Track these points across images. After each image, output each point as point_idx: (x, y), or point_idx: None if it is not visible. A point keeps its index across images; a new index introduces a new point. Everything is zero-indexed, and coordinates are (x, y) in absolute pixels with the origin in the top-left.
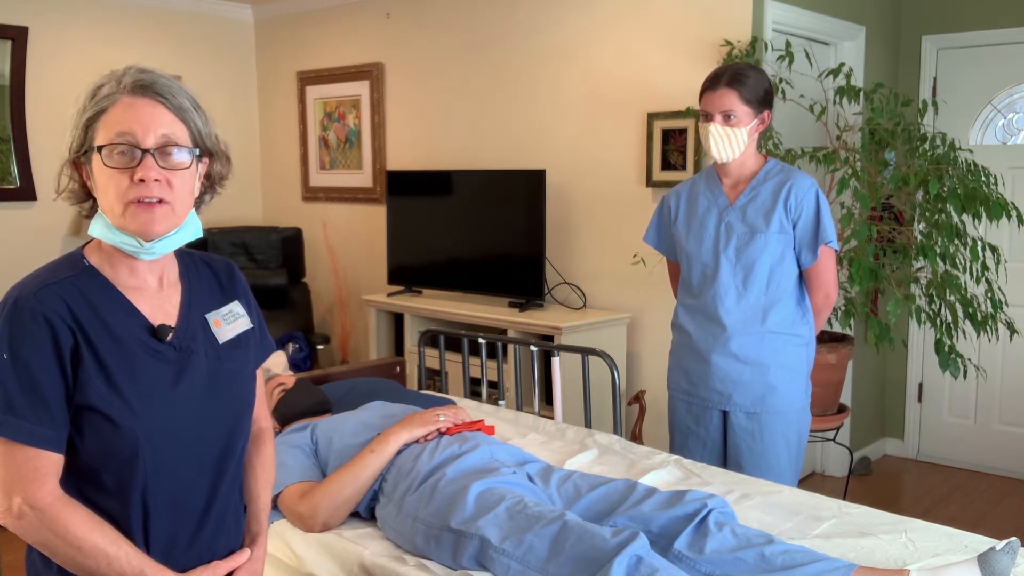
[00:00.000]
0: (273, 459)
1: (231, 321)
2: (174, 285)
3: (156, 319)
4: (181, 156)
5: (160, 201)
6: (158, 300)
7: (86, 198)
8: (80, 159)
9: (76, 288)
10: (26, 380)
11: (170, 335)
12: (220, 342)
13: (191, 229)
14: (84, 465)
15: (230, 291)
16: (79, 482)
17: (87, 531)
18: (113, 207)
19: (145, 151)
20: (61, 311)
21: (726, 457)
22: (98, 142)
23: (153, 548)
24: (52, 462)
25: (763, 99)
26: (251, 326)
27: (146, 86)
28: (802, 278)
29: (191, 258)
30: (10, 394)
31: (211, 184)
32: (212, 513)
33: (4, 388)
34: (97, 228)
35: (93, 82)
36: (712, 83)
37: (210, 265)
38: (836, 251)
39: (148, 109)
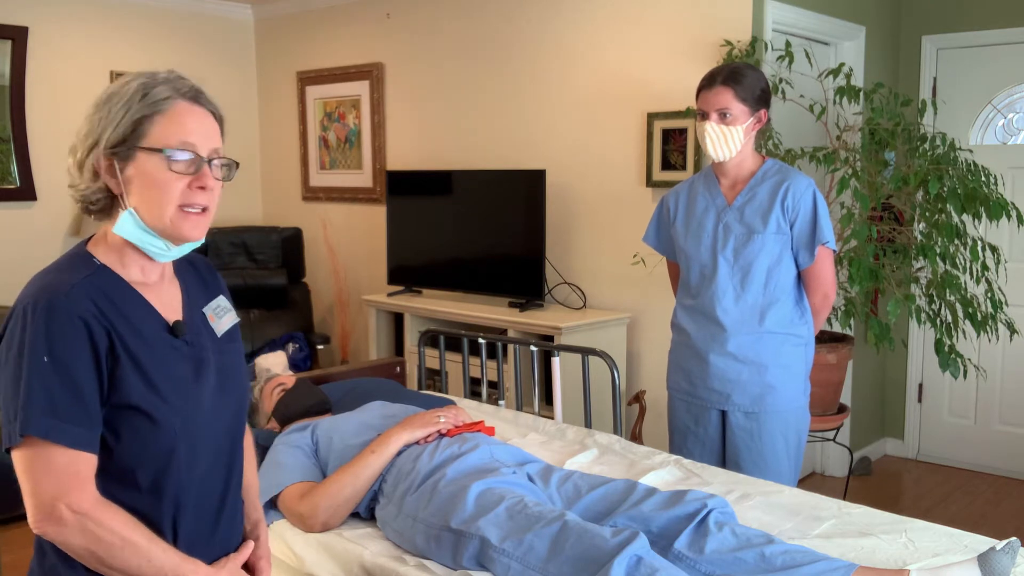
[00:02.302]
0: (253, 446)
1: (222, 315)
2: (173, 282)
3: (167, 315)
4: (224, 168)
5: (204, 209)
6: (166, 297)
7: (100, 193)
8: (114, 154)
9: (98, 288)
10: (68, 382)
11: (184, 331)
12: (218, 335)
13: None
14: (118, 465)
15: (213, 287)
16: (109, 483)
17: (129, 531)
18: (162, 209)
19: (204, 160)
20: (94, 311)
21: (725, 457)
22: (152, 143)
23: (180, 545)
24: (91, 464)
25: (759, 98)
26: (238, 320)
27: (200, 95)
28: (800, 278)
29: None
30: (54, 397)
31: None
32: (227, 507)
33: (49, 392)
34: (126, 227)
35: (132, 80)
36: (708, 82)
37: (192, 262)
38: (834, 251)
39: (207, 120)
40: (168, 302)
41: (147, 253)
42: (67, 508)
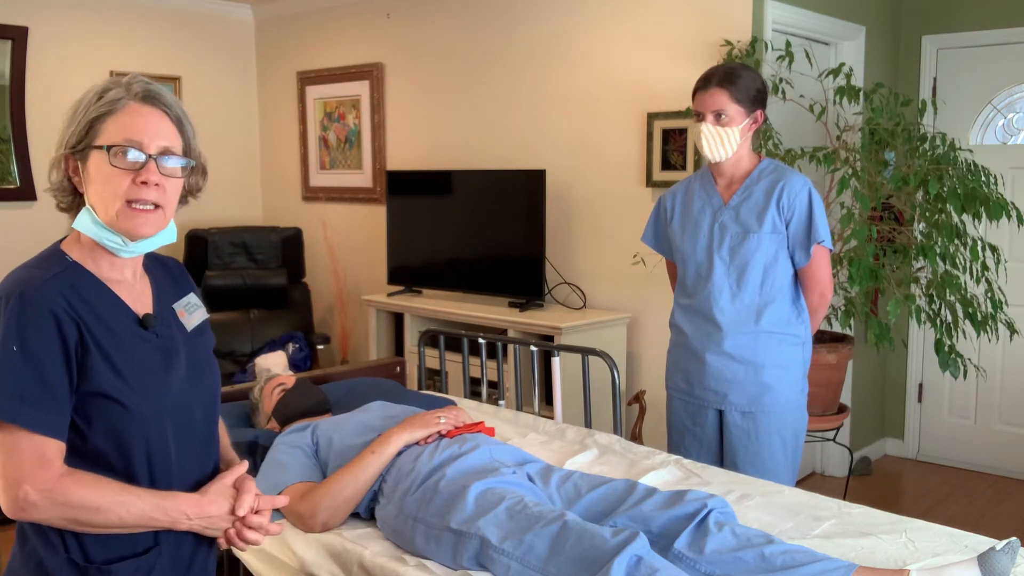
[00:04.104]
0: (223, 425)
1: (192, 311)
2: (143, 278)
3: (137, 309)
4: (177, 164)
5: (155, 207)
6: (136, 292)
7: (70, 193)
8: (75, 155)
9: (68, 283)
10: (36, 371)
11: (153, 324)
12: (188, 330)
13: (169, 234)
14: (92, 449)
15: (184, 285)
16: (87, 466)
17: (98, 492)
18: (108, 205)
19: (149, 156)
20: (64, 305)
21: (723, 456)
22: (102, 141)
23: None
24: (57, 448)
25: (755, 98)
26: (207, 316)
27: (153, 96)
28: (797, 278)
29: (146, 255)
30: (22, 385)
31: (185, 194)
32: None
33: (17, 379)
34: (84, 223)
35: (96, 85)
36: (704, 83)
37: (162, 262)
38: (830, 250)
39: (155, 118)
40: (138, 297)
41: (106, 248)
42: (32, 489)
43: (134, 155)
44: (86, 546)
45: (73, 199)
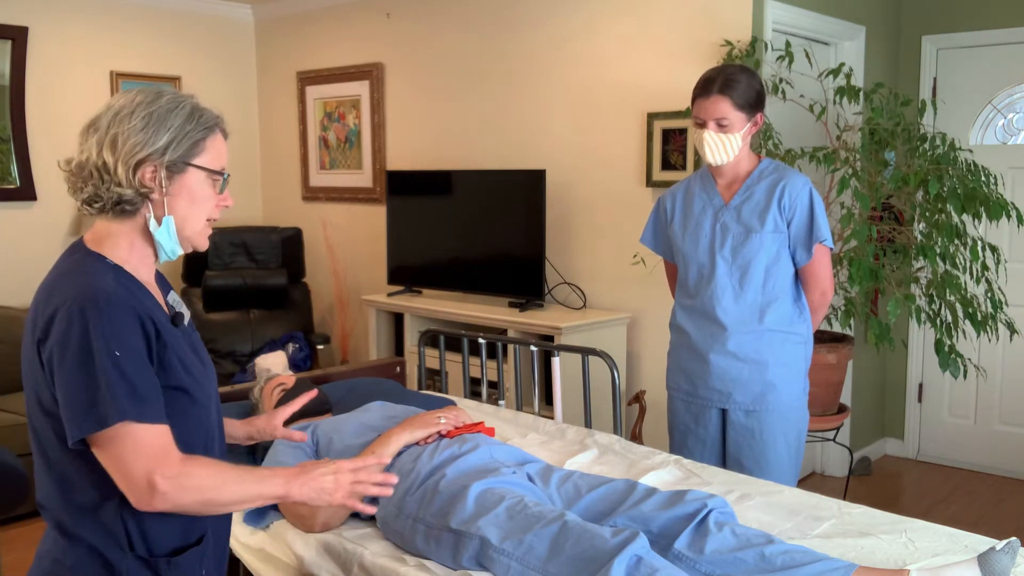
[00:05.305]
0: None
1: (180, 307)
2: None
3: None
4: None
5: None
6: (156, 292)
7: (140, 197)
8: (168, 166)
9: (126, 287)
10: (139, 367)
11: (181, 321)
12: (185, 323)
13: None
14: None
15: (164, 284)
16: None
17: (215, 470)
18: (195, 221)
19: (225, 181)
20: (140, 306)
21: (725, 456)
22: (206, 164)
23: None
24: (169, 432)
25: (755, 102)
26: (189, 311)
27: (224, 124)
28: (798, 276)
29: None
30: (135, 383)
31: None
32: None
33: (129, 380)
34: (163, 233)
35: (180, 98)
36: (704, 90)
37: None
38: (831, 249)
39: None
40: (157, 295)
41: (163, 255)
42: (162, 477)
43: (223, 181)
44: (149, 540)
45: (140, 204)
